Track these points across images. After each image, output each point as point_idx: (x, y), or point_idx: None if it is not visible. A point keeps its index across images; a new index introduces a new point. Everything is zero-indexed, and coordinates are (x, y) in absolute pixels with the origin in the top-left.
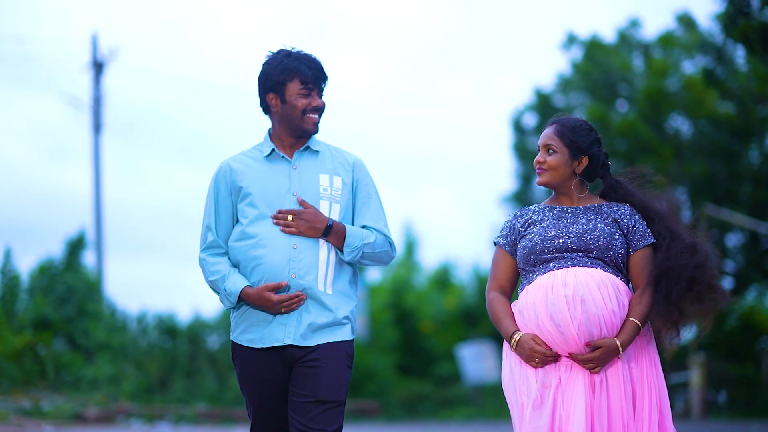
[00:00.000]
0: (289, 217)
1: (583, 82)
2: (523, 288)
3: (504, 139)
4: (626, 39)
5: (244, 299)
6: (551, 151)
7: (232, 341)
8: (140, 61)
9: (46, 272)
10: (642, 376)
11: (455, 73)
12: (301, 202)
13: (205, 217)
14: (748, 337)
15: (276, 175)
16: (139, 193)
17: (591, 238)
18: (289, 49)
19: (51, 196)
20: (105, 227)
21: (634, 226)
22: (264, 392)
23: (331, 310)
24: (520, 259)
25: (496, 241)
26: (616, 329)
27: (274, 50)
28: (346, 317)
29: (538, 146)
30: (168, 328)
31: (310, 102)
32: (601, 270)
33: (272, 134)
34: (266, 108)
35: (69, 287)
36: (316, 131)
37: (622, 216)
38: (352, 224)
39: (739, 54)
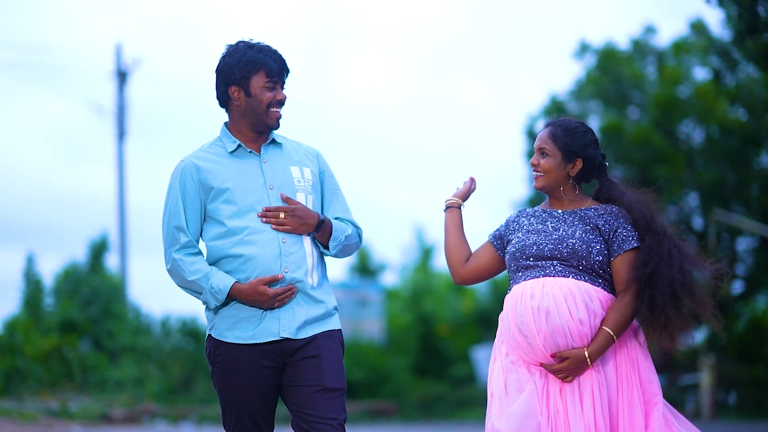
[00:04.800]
0: (281, 215)
1: (596, 89)
2: (506, 297)
3: (520, 141)
4: (640, 46)
5: (234, 295)
6: (545, 154)
7: (215, 339)
8: (161, 68)
9: (71, 276)
10: (621, 379)
11: (472, 75)
12: (286, 199)
13: (171, 218)
14: (758, 339)
15: (248, 170)
16: (160, 196)
17: (566, 246)
18: (248, 40)
19: (72, 198)
20: (128, 231)
21: (616, 231)
22: (251, 391)
23: (322, 302)
24: (506, 265)
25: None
26: (587, 338)
27: (233, 42)
28: (335, 308)
29: (534, 148)
30: (191, 330)
31: (275, 95)
32: (572, 279)
33: (231, 128)
34: (226, 101)
35: (94, 290)
36: (278, 126)
37: (605, 221)
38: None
39: (746, 62)
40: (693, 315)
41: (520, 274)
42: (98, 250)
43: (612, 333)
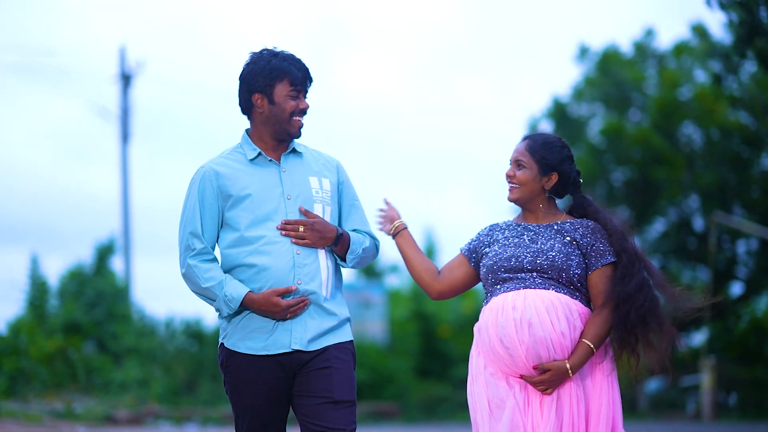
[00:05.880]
0: (301, 228)
1: (598, 92)
2: (482, 308)
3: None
4: (641, 49)
5: (247, 304)
6: (521, 166)
7: (228, 348)
8: (165, 70)
9: (76, 277)
10: (595, 392)
11: (474, 76)
12: (305, 212)
13: (187, 224)
14: (758, 340)
15: (266, 179)
16: (164, 197)
17: (546, 259)
18: (272, 48)
19: (76, 200)
20: (132, 232)
21: (593, 245)
22: (262, 401)
23: (334, 314)
24: (482, 278)
25: (460, 248)
26: (567, 351)
27: (257, 50)
28: (347, 318)
29: (510, 160)
30: (195, 332)
31: (298, 104)
32: (553, 291)
33: (253, 136)
34: (248, 108)
35: (98, 292)
36: (299, 135)
37: (582, 235)
38: (339, 226)
39: (748, 65)
40: (657, 342)
41: (498, 286)
42: (104, 252)
43: (592, 345)
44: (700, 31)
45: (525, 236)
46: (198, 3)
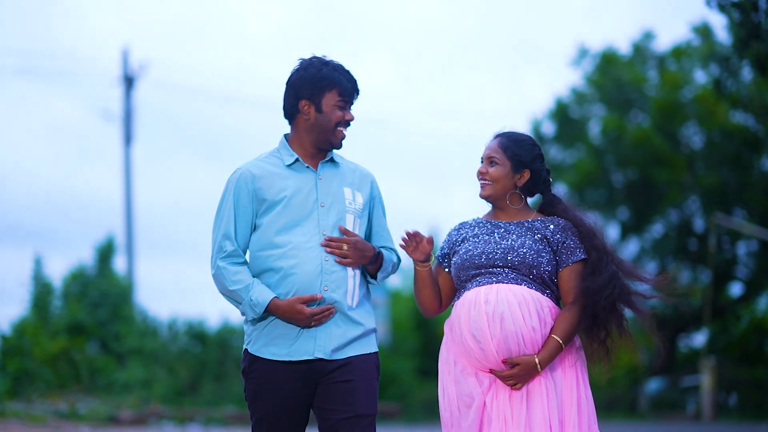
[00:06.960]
0: (345, 247)
1: (598, 93)
2: (454, 303)
3: None
4: (640, 50)
5: (272, 310)
6: (493, 163)
7: (251, 354)
8: (168, 72)
9: (78, 278)
10: (567, 388)
11: (475, 77)
12: (344, 231)
13: (220, 225)
14: (758, 340)
15: (302, 185)
16: (166, 199)
17: (516, 255)
18: (321, 56)
19: (79, 201)
20: (135, 233)
21: (564, 243)
22: (283, 408)
23: (360, 323)
24: (453, 275)
25: (435, 255)
26: (538, 346)
27: (306, 57)
28: (373, 329)
29: (482, 158)
30: (198, 333)
31: (344, 115)
32: (525, 287)
33: (292, 142)
34: (293, 114)
35: (102, 293)
36: (341, 147)
37: (553, 232)
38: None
39: (747, 67)
40: (632, 335)
41: (469, 282)
42: (105, 253)
43: (561, 341)
44: (702, 31)
45: (495, 233)
46: (201, 5)
